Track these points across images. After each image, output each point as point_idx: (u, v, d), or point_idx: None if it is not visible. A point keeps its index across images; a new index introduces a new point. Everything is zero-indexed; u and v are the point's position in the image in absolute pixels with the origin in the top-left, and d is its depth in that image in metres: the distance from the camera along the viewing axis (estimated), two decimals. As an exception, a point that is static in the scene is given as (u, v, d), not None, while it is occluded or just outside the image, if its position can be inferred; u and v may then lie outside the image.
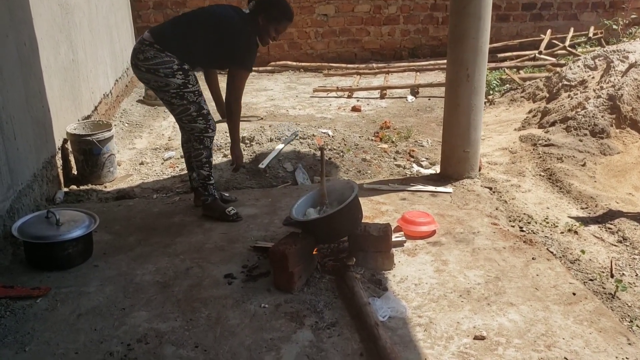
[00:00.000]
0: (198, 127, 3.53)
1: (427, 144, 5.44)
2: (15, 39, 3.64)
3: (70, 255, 3.13)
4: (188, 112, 3.48)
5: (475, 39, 3.90)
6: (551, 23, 9.22)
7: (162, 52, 3.34)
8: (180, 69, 3.38)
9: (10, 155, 3.43)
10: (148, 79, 3.43)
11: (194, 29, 3.44)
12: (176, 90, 3.40)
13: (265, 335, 2.54)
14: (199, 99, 3.49)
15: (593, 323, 2.60)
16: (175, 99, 3.44)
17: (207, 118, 3.54)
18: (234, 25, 3.42)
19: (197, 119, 3.51)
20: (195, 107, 3.48)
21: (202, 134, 3.55)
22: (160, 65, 3.34)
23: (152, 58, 3.34)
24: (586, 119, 5.07)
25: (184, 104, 3.45)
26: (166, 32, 3.42)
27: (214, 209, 3.70)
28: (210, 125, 3.56)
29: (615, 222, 3.76)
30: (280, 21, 3.53)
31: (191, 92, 3.44)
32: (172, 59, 3.35)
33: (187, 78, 3.41)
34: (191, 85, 3.44)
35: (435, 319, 2.64)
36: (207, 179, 3.66)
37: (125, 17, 7.64)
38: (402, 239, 3.34)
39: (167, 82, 3.38)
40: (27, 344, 2.52)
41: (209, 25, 3.44)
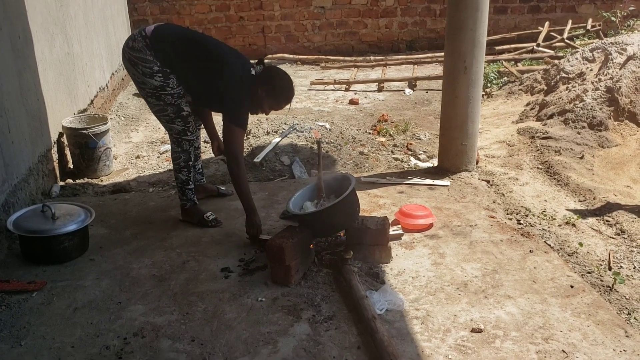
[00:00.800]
0: (176, 129, 3.36)
1: (425, 137, 5.43)
2: (9, 31, 3.60)
3: (66, 249, 3.12)
4: (165, 113, 3.32)
5: (473, 30, 3.88)
6: (549, 15, 9.18)
7: (148, 50, 3.16)
8: (161, 71, 3.19)
9: (5, 148, 3.40)
10: (128, 68, 3.28)
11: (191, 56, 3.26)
12: (152, 91, 3.24)
13: (262, 329, 2.54)
14: (178, 101, 3.29)
15: (591, 316, 2.60)
16: (150, 98, 3.28)
17: (187, 120, 3.35)
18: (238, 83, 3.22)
19: (175, 120, 3.33)
20: (173, 109, 3.29)
21: (180, 135, 3.38)
22: (140, 61, 3.18)
23: (137, 50, 3.17)
24: (584, 112, 5.05)
25: (161, 104, 3.28)
26: (164, 38, 3.22)
27: (193, 214, 3.56)
28: (189, 128, 3.37)
29: (613, 214, 3.76)
30: (279, 102, 3.34)
31: (169, 94, 3.25)
32: (154, 60, 3.17)
33: (166, 81, 3.21)
34: (170, 89, 3.24)
35: (432, 312, 2.63)
36: (185, 183, 3.51)
37: (121, 10, 7.59)
38: (400, 233, 3.33)
39: (143, 80, 3.22)
40: (23, 338, 2.51)
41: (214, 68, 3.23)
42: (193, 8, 8.67)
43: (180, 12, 8.66)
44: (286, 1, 8.82)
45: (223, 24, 8.80)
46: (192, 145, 3.45)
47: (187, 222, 3.58)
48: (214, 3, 8.71)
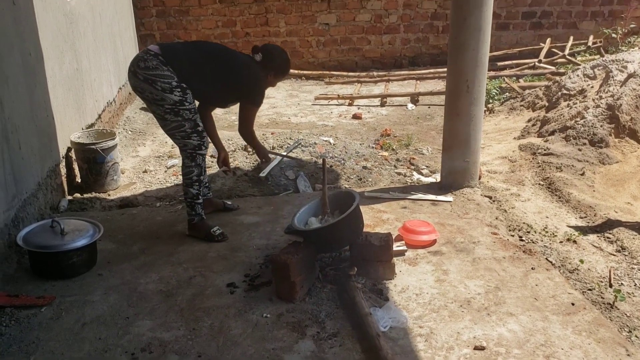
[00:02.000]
0: (192, 144, 3.46)
1: (428, 151, 5.48)
2: (20, 49, 3.68)
3: (75, 265, 3.16)
4: (182, 129, 3.41)
5: (475, 50, 3.94)
6: (551, 31, 9.26)
7: (164, 65, 3.29)
8: (179, 87, 3.32)
9: (15, 164, 3.46)
10: (143, 88, 3.34)
11: (204, 60, 3.48)
12: (171, 107, 3.34)
13: (267, 345, 2.57)
14: (195, 117, 3.43)
15: (592, 333, 2.63)
16: (169, 115, 3.37)
17: (202, 135, 3.48)
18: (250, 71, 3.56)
19: (191, 135, 3.44)
20: (190, 124, 3.41)
21: (195, 150, 3.48)
22: (159, 78, 3.28)
23: (153, 68, 3.28)
24: (585, 129, 5.11)
25: (179, 120, 3.38)
26: (175, 51, 3.41)
27: (200, 229, 3.62)
28: (204, 143, 3.50)
29: (614, 231, 3.79)
30: (284, 75, 3.75)
31: (187, 109, 3.38)
32: (172, 75, 3.30)
33: (184, 96, 3.35)
34: (188, 103, 3.37)
35: (436, 329, 2.66)
36: (195, 197, 3.58)
37: (128, 25, 7.69)
38: (403, 249, 3.37)
39: (162, 96, 3.31)
40: (32, 353, 2.55)
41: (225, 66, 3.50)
42: (200, 24, 8.77)
43: (187, 28, 8.76)
44: (291, 18, 8.92)
45: (229, 39, 8.90)
46: (204, 159, 3.59)
47: (194, 236, 3.63)
48: (221, 19, 8.82)
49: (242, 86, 3.56)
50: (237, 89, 3.58)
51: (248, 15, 8.82)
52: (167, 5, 8.63)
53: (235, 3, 8.71)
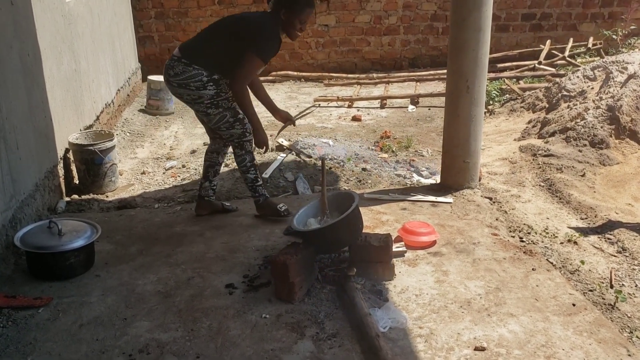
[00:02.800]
0: (236, 133, 3.57)
1: (427, 153, 5.47)
2: (19, 50, 3.67)
3: (72, 265, 3.14)
4: (225, 119, 3.52)
5: (475, 51, 3.93)
6: (551, 33, 9.27)
7: (189, 67, 3.39)
8: (211, 80, 3.42)
9: (13, 165, 3.45)
10: (181, 93, 3.48)
11: (218, 37, 3.48)
12: (210, 101, 3.46)
13: (266, 346, 2.55)
14: (233, 104, 3.53)
15: (593, 334, 2.61)
16: (210, 109, 3.49)
17: (244, 122, 3.57)
18: (255, 20, 3.44)
19: (234, 124, 3.55)
20: (231, 112, 3.52)
21: (241, 139, 3.59)
22: (190, 80, 3.39)
23: (181, 73, 3.40)
24: (585, 130, 5.09)
25: (220, 111, 3.50)
26: (193, 46, 3.48)
27: (267, 207, 3.79)
28: (247, 129, 3.59)
29: (615, 232, 3.78)
30: (302, 11, 3.43)
31: (224, 99, 3.49)
32: (200, 72, 3.39)
33: (218, 87, 3.45)
34: (224, 94, 3.48)
35: (436, 330, 2.65)
36: (254, 181, 3.74)
37: (127, 27, 7.69)
38: (403, 249, 3.35)
39: (199, 94, 3.43)
40: (29, 354, 2.53)
41: (232, 30, 3.46)
42: (198, 25, 8.76)
43: (185, 29, 8.76)
44: (290, 19, 8.91)
45: (227, 40, 8.90)
46: (252, 144, 3.65)
47: (263, 215, 3.80)
48: (219, 20, 8.81)
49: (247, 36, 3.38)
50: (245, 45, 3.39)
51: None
52: (165, 6, 8.63)
53: (234, 4, 8.70)
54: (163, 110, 6.94)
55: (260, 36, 3.39)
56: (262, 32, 3.40)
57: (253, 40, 3.37)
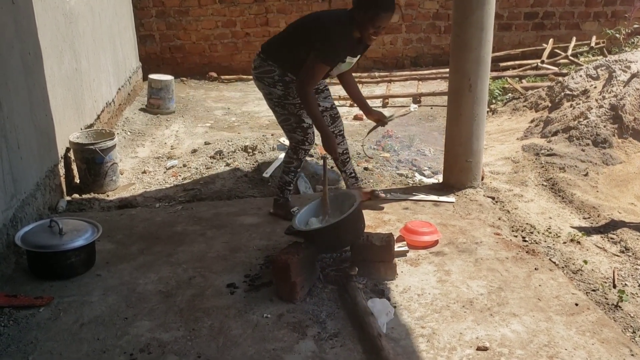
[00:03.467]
0: (296, 138, 3.63)
1: (430, 152, 5.45)
2: (20, 49, 3.66)
3: (73, 265, 3.13)
4: (288, 122, 3.58)
5: (478, 49, 3.92)
6: (553, 32, 9.23)
7: (265, 62, 3.46)
8: (281, 81, 3.46)
9: (14, 164, 3.44)
10: (258, 86, 3.60)
11: (294, 37, 3.47)
12: (278, 100, 3.52)
13: (267, 346, 2.54)
14: (300, 111, 3.54)
15: (595, 334, 2.60)
16: (277, 108, 3.57)
17: (307, 131, 3.60)
18: (327, 22, 3.38)
19: (296, 130, 3.59)
20: (295, 118, 3.56)
21: (298, 145, 3.64)
22: (264, 74, 3.48)
23: (258, 67, 3.50)
24: (588, 129, 5.07)
25: (285, 113, 3.56)
26: (271, 42, 3.55)
27: (282, 208, 3.83)
28: (307, 139, 3.62)
29: (618, 232, 3.76)
30: (376, 15, 3.17)
31: (291, 104, 3.52)
32: (273, 69, 3.45)
33: (287, 90, 3.48)
34: (292, 98, 3.50)
35: (438, 330, 2.63)
36: (287, 184, 3.82)
37: (128, 25, 7.68)
38: (405, 249, 3.34)
39: (270, 91, 3.52)
40: (30, 353, 2.53)
41: (306, 31, 3.43)
42: (199, 24, 8.76)
43: (186, 28, 8.75)
44: (292, 18, 8.88)
45: (229, 40, 8.89)
46: (306, 155, 3.73)
47: (275, 215, 3.85)
48: (220, 19, 8.80)
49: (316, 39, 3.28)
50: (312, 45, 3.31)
51: (248, 15, 8.80)
52: (166, 5, 8.62)
53: (235, 3, 8.69)
54: (164, 110, 6.93)
55: (327, 39, 3.26)
56: (330, 34, 3.27)
57: (319, 42, 3.27)
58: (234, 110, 7.18)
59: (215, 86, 8.53)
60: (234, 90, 8.25)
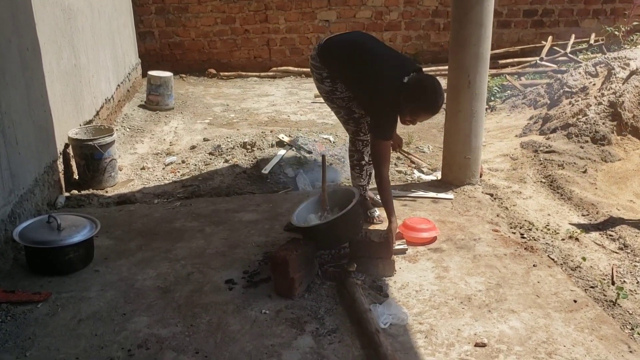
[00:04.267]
0: (350, 129, 3.66)
1: (428, 150, 5.45)
2: (18, 44, 3.64)
3: (71, 260, 3.13)
4: (340, 115, 3.64)
5: (477, 46, 3.91)
6: (552, 29, 9.23)
7: (318, 58, 3.49)
8: (329, 77, 3.48)
9: (12, 159, 3.43)
10: (313, 77, 3.63)
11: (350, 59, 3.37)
12: (326, 95, 3.57)
13: (265, 342, 2.54)
14: (349, 104, 3.54)
15: (594, 330, 2.60)
16: (328, 102, 3.64)
17: (359, 122, 3.59)
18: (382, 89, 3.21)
19: (348, 121, 3.62)
20: (345, 111, 3.58)
21: (354, 136, 3.65)
22: (315, 69, 3.53)
23: (312, 58, 3.54)
24: (587, 126, 5.07)
25: (335, 107, 3.61)
26: (330, 44, 3.49)
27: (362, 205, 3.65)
28: (361, 129, 3.61)
29: (616, 229, 3.76)
30: (418, 110, 3.19)
31: (340, 98, 3.53)
32: (323, 67, 3.48)
33: (334, 86, 3.49)
34: (339, 92, 3.50)
35: (436, 326, 2.63)
36: (357, 179, 3.79)
37: (127, 22, 7.66)
38: (404, 247, 3.32)
39: (318, 85, 3.59)
40: (28, 349, 2.52)
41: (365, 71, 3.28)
42: (199, 21, 8.74)
43: (185, 25, 8.74)
44: (291, 14, 8.88)
45: (228, 36, 8.87)
46: (365, 145, 3.64)
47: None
48: (220, 16, 8.78)
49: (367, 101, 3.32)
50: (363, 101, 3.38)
51: (247, 12, 8.78)
52: (166, 2, 8.60)
53: (234, 0, 8.67)
54: (163, 106, 6.92)
55: (382, 118, 3.21)
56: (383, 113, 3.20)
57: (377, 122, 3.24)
58: (233, 106, 7.17)
59: (214, 83, 8.52)
60: (233, 87, 8.24)
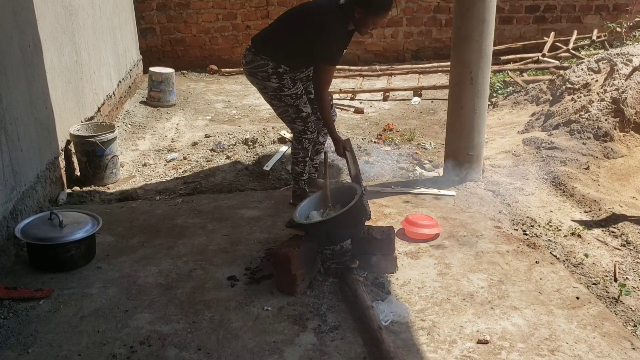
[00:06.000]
0: (297, 128, 3.64)
1: (430, 146, 5.44)
2: (19, 40, 3.64)
3: (73, 257, 3.13)
4: (287, 114, 3.59)
5: (479, 41, 3.90)
6: (555, 26, 9.20)
7: (256, 56, 3.44)
8: (275, 73, 3.44)
9: (14, 156, 3.43)
10: (251, 81, 3.59)
11: (286, 31, 3.47)
12: (273, 93, 3.52)
13: (268, 338, 2.54)
14: (297, 102, 3.54)
15: (597, 327, 2.60)
16: (274, 101, 3.57)
17: (306, 120, 3.61)
18: (322, 18, 3.37)
19: (295, 120, 3.60)
20: (293, 109, 3.56)
21: (300, 135, 3.65)
22: (257, 69, 3.46)
23: (250, 62, 3.48)
24: (590, 122, 5.06)
25: (282, 105, 3.56)
26: (262, 36, 3.52)
27: (301, 197, 3.72)
28: (308, 128, 3.63)
29: (619, 225, 3.75)
30: (378, 14, 3.38)
31: (287, 95, 3.51)
32: (266, 62, 3.42)
33: (281, 82, 3.47)
34: (287, 89, 3.50)
35: (438, 323, 2.63)
36: (300, 175, 3.82)
37: (128, 18, 7.64)
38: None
39: (264, 85, 3.51)
40: (30, 345, 2.53)
41: (300, 23, 3.45)
42: (200, 17, 8.72)
43: (187, 21, 8.72)
44: (292, 10, 8.85)
45: (230, 32, 8.85)
46: (311, 143, 3.72)
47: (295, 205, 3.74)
48: (221, 12, 8.76)
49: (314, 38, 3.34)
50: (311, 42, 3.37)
51: (249, 7, 8.76)
52: (167, -2, 8.58)
53: (237, -5, 8.66)
54: (164, 102, 6.91)
55: (327, 41, 3.34)
56: (329, 35, 3.34)
57: (321, 48, 3.35)
58: (235, 103, 7.16)
59: (216, 79, 8.51)
60: (235, 83, 8.23)
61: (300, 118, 3.59)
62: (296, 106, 3.55)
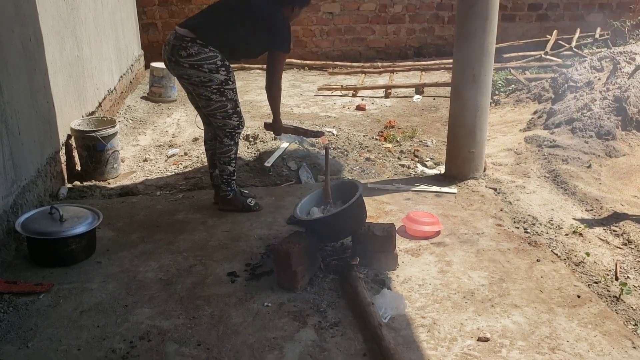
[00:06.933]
0: (232, 124, 3.59)
1: (432, 143, 5.42)
2: (20, 33, 3.63)
3: (74, 252, 3.13)
4: (225, 109, 3.53)
5: (482, 39, 3.88)
6: (557, 24, 9.17)
7: (205, 47, 3.37)
8: (223, 65, 3.43)
9: (15, 150, 3.42)
10: (190, 74, 3.41)
11: (232, 21, 3.45)
12: (218, 87, 3.45)
13: (268, 334, 2.54)
14: (236, 97, 3.56)
15: (597, 326, 2.59)
16: (215, 95, 3.47)
17: (241, 115, 3.63)
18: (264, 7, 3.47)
19: (232, 115, 3.56)
20: (232, 104, 3.54)
21: (234, 130, 3.61)
22: (204, 61, 3.37)
23: (196, 54, 3.35)
24: (592, 121, 5.04)
25: (223, 100, 3.50)
26: (208, 27, 3.43)
27: (235, 203, 3.76)
28: (242, 122, 3.65)
29: (620, 224, 3.74)
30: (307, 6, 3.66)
31: (230, 89, 3.50)
32: (215, 54, 3.39)
33: (228, 74, 3.47)
34: (231, 82, 3.50)
35: (438, 320, 2.63)
36: (232, 174, 3.72)
37: (130, 13, 7.63)
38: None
39: (210, 77, 3.41)
40: (30, 340, 2.52)
41: (240, 13, 3.46)
42: (202, 12, 8.69)
43: (189, 16, 8.68)
44: (294, 6, 8.83)
45: (231, 28, 8.83)
46: (239, 137, 3.70)
47: (229, 210, 3.76)
48: (223, 8, 8.74)
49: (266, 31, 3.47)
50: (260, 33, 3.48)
51: (251, 4, 8.73)
52: (169, -7, 8.56)
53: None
54: (165, 98, 6.91)
55: (282, 32, 3.48)
56: (282, 26, 3.48)
57: (279, 38, 3.48)
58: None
59: (217, 75, 8.48)
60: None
61: (236, 113, 3.57)
62: (235, 100, 3.55)
